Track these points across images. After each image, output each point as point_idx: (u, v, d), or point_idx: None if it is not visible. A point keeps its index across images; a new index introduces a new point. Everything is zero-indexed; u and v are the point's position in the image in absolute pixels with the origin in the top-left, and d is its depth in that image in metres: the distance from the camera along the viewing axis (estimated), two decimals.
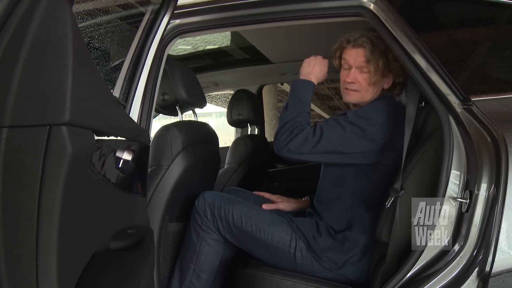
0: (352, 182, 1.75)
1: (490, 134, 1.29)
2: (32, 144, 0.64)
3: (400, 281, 1.40)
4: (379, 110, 1.70)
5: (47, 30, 0.65)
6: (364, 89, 1.78)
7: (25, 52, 0.64)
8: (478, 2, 1.44)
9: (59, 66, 0.65)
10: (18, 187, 0.64)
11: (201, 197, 1.85)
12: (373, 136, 1.65)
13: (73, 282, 0.75)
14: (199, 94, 2.04)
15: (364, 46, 1.75)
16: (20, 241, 0.65)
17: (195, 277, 1.84)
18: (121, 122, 1.08)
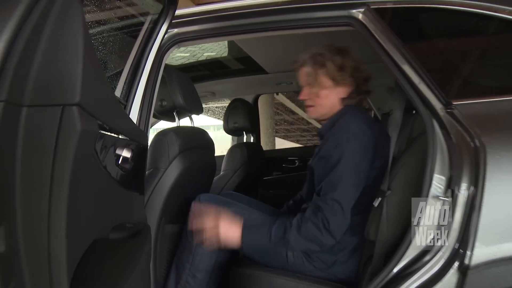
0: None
1: (470, 136, 1.35)
2: (48, 121, 0.73)
3: (386, 276, 1.45)
4: (348, 130, 1.71)
5: (62, 25, 0.74)
6: (317, 103, 1.86)
7: (43, 43, 0.73)
8: (459, 13, 1.52)
9: (71, 55, 0.75)
10: (35, 158, 0.73)
11: (197, 199, 1.90)
12: (368, 145, 1.71)
13: (78, 255, 0.82)
14: (196, 100, 2.10)
15: (305, 64, 1.86)
16: (35, 204, 0.73)
17: (191, 276, 1.88)
18: (121, 120, 1.16)
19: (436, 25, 1.65)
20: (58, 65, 0.75)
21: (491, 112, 1.39)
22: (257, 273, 1.79)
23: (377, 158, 1.72)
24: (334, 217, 1.62)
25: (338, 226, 1.63)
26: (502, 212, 1.29)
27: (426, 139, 1.45)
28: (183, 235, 1.92)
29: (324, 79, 1.84)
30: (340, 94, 1.86)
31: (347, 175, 1.64)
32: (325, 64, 1.83)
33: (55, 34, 0.74)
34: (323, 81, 1.84)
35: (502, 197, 1.30)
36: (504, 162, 1.29)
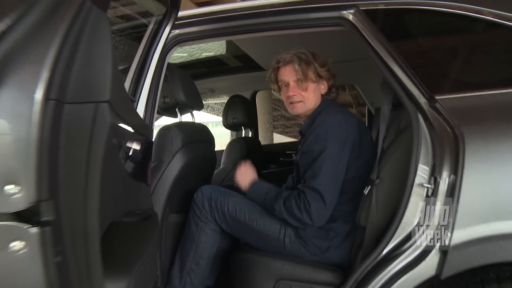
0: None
1: (451, 128, 1.46)
2: (84, 115, 0.88)
3: (376, 258, 1.56)
4: (328, 124, 1.87)
5: (94, 36, 0.88)
6: (305, 97, 2.00)
7: (80, 52, 0.86)
8: (442, 14, 1.63)
9: (102, 61, 0.89)
10: (75, 145, 0.87)
11: (199, 190, 2.02)
12: (346, 138, 1.85)
13: (103, 231, 0.95)
14: (196, 97, 2.21)
15: (293, 61, 1.98)
16: (75, 183, 0.88)
17: (195, 264, 1.99)
18: (132, 115, 1.28)
19: (420, 25, 1.76)
20: (92, 69, 0.88)
21: (470, 106, 1.50)
22: (256, 258, 1.91)
23: (358, 149, 1.87)
24: (314, 202, 1.79)
25: (317, 211, 1.79)
26: (478, 197, 1.40)
27: (411, 132, 1.57)
28: (187, 224, 2.03)
29: (311, 74, 1.98)
30: (321, 90, 2.03)
31: (327, 167, 1.80)
32: (311, 61, 1.98)
33: (89, 44, 0.88)
34: (312, 77, 1.98)
35: (479, 184, 1.41)
36: (480, 151, 1.40)
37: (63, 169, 0.86)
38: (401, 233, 1.54)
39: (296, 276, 1.84)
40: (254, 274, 1.90)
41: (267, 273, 1.87)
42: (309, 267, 1.85)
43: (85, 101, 0.88)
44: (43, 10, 0.82)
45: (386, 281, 1.51)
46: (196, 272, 2.00)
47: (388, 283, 1.50)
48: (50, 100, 0.80)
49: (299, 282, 1.84)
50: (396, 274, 1.50)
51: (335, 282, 1.80)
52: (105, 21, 0.93)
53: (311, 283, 1.83)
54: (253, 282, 1.89)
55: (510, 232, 1.36)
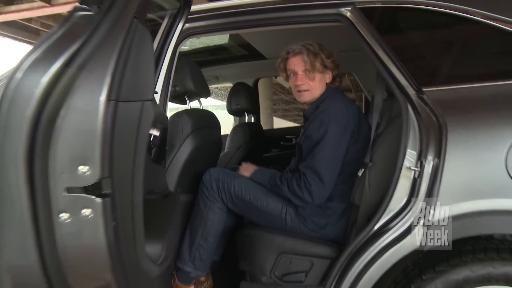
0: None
1: (436, 117, 1.62)
2: (133, 111, 1.10)
3: (368, 233, 1.74)
4: (332, 111, 2.05)
5: (139, 49, 1.08)
6: (312, 86, 2.16)
7: (130, 61, 1.06)
8: (430, 12, 1.78)
9: (147, 68, 1.10)
10: (125, 136, 1.09)
11: (207, 173, 2.18)
12: (347, 125, 2.02)
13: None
14: (204, 85, 2.36)
15: (302, 52, 2.14)
16: (125, 164, 1.10)
17: (203, 239, 2.16)
18: (156, 106, 1.47)
19: (410, 23, 1.92)
20: (139, 74, 1.10)
21: (453, 97, 1.67)
22: (260, 234, 2.08)
23: (356, 135, 2.04)
24: (314, 182, 1.97)
25: (317, 190, 1.97)
26: (458, 178, 1.58)
27: (401, 120, 1.73)
28: (196, 203, 2.20)
29: (318, 65, 2.15)
30: (327, 79, 2.19)
31: (327, 150, 1.97)
32: (318, 52, 2.14)
33: (136, 54, 1.09)
34: (319, 67, 2.15)
35: (458, 167, 1.58)
36: (461, 138, 1.57)
37: (117, 154, 1.07)
38: (391, 211, 1.71)
39: (296, 250, 2.02)
40: (258, 249, 2.06)
41: (270, 248, 2.04)
42: (308, 242, 2.03)
43: (134, 100, 1.10)
44: (104, 31, 1.03)
45: (376, 253, 1.69)
46: (204, 248, 2.16)
47: (378, 254, 1.68)
48: (111, 100, 1.01)
49: (299, 256, 2.01)
50: (385, 246, 1.67)
51: (332, 256, 1.97)
52: (147, 34, 1.14)
53: (309, 256, 2.00)
54: (258, 255, 2.06)
55: (484, 209, 1.54)
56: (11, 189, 1.07)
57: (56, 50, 1.06)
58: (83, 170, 1.04)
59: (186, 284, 2.19)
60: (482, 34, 1.79)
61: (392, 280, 1.75)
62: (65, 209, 1.09)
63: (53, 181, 1.06)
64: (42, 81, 1.03)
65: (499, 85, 1.67)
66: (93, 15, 1.14)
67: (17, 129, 1.05)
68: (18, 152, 1.05)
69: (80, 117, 1.03)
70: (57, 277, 1.14)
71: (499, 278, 1.54)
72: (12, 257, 1.14)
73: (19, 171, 1.05)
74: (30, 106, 1.03)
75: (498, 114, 1.61)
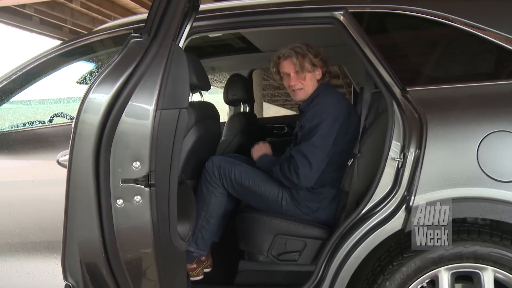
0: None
1: (418, 114, 1.81)
2: (171, 117, 1.37)
3: (356, 217, 1.94)
4: (324, 104, 2.25)
5: (177, 65, 1.31)
6: (305, 85, 2.37)
7: (171, 76, 1.33)
8: (415, 18, 1.96)
9: (183, 81, 1.37)
10: (166, 137, 1.35)
11: (210, 160, 2.36)
12: (337, 117, 2.22)
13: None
14: (205, 79, 2.50)
15: (291, 56, 2.34)
16: (165, 160, 1.38)
17: (206, 222, 2.34)
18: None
19: (396, 27, 2.10)
20: (177, 86, 1.36)
21: (433, 97, 1.86)
22: (258, 217, 2.28)
23: (346, 127, 2.24)
24: (302, 164, 2.17)
25: (304, 173, 2.17)
26: (436, 169, 1.78)
27: (387, 116, 1.91)
28: (199, 189, 2.38)
29: (307, 65, 2.35)
30: (317, 76, 2.39)
31: (317, 138, 2.18)
32: (306, 53, 2.34)
33: (175, 70, 1.35)
34: (308, 67, 2.35)
35: (436, 158, 1.78)
36: (439, 133, 1.77)
37: (160, 152, 1.34)
38: (377, 197, 1.92)
39: (291, 231, 2.22)
40: (257, 230, 2.25)
41: (267, 229, 2.23)
42: (302, 224, 2.23)
43: (173, 108, 1.36)
44: (152, 54, 1.31)
45: (363, 234, 1.89)
46: (206, 229, 2.35)
47: (365, 235, 1.88)
48: (157, 110, 1.28)
49: (294, 237, 2.21)
50: (371, 228, 1.87)
51: (323, 237, 2.18)
52: (182, 53, 1.42)
53: (303, 237, 2.20)
54: (256, 236, 2.25)
55: (458, 196, 1.75)
56: (82, 181, 1.36)
57: (117, 72, 1.32)
58: (136, 165, 1.33)
59: (188, 263, 2.36)
60: (460, 39, 1.98)
61: (377, 258, 1.96)
62: (121, 196, 1.38)
63: (113, 174, 1.35)
64: (107, 97, 1.30)
65: (474, 86, 1.87)
66: (143, 41, 1.39)
67: (88, 134, 1.32)
68: (88, 152, 1.32)
69: (135, 124, 1.31)
70: (112, 249, 1.44)
71: (469, 256, 1.76)
72: (80, 233, 1.44)
73: (88, 167, 1.33)
74: (98, 116, 1.31)
75: (472, 113, 1.81)
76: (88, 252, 1.47)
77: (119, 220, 1.40)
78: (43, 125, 2.41)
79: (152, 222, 1.39)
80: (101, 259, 1.44)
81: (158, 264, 1.48)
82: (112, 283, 1.48)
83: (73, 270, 1.47)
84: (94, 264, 1.47)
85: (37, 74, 2.40)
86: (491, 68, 2.00)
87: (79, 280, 1.48)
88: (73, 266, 1.47)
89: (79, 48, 2.38)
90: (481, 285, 1.77)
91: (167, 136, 1.39)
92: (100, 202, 1.37)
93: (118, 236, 1.42)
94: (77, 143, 1.34)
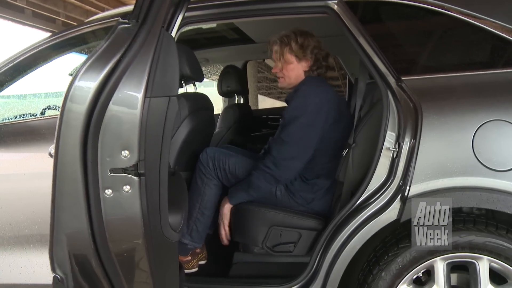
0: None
1: (413, 104, 1.79)
2: (161, 105, 1.35)
3: (351, 207, 1.93)
4: (306, 94, 2.22)
5: (167, 53, 1.28)
6: (285, 74, 2.36)
7: (160, 64, 1.29)
8: (410, 7, 1.94)
9: (173, 69, 1.35)
10: (154, 126, 1.34)
11: (204, 152, 2.35)
12: (319, 109, 2.19)
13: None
14: (199, 70, 2.49)
15: (275, 43, 2.34)
16: (155, 149, 1.38)
17: (200, 213, 2.34)
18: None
19: (391, 16, 2.09)
20: (166, 74, 1.34)
21: (428, 86, 1.85)
22: (253, 208, 2.26)
23: (334, 117, 2.22)
24: (279, 152, 2.16)
25: (281, 162, 2.15)
26: (431, 158, 1.77)
27: (381, 105, 1.90)
28: (193, 180, 2.37)
29: (289, 56, 2.33)
30: (303, 67, 2.36)
31: (297, 128, 2.17)
32: (290, 43, 2.33)
33: (164, 58, 1.32)
34: (288, 57, 2.33)
35: (432, 148, 1.77)
36: (434, 123, 1.75)
37: (149, 141, 1.32)
38: (372, 187, 1.90)
39: (286, 223, 2.21)
40: (251, 222, 2.24)
41: (262, 221, 2.22)
42: (297, 216, 2.22)
43: (162, 95, 1.34)
44: (141, 40, 1.28)
45: (358, 225, 1.88)
46: (201, 221, 2.34)
47: (360, 226, 1.87)
48: (146, 97, 1.26)
49: (288, 228, 2.20)
50: (366, 219, 1.87)
51: (318, 228, 2.18)
52: (172, 40, 1.39)
53: (298, 229, 2.20)
54: (251, 228, 2.24)
55: (453, 186, 1.74)
56: (69, 170, 1.35)
57: (104, 59, 1.30)
58: (125, 154, 1.32)
59: (183, 256, 2.35)
60: (455, 28, 1.96)
61: (372, 249, 1.95)
62: (110, 186, 1.36)
63: (101, 164, 1.33)
64: (94, 85, 1.28)
65: (470, 75, 1.85)
66: (131, 27, 1.38)
67: (75, 123, 1.31)
68: (75, 142, 1.30)
69: (123, 112, 1.29)
70: (101, 240, 1.42)
71: (464, 245, 1.75)
72: (68, 223, 1.43)
73: (76, 156, 1.32)
74: (85, 105, 1.29)
75: (467, 102, 1.80)
76: (77, 243, 1.45)
77: (108, 210, 1.38)
78: (35, 118, 2.38)
79: (142, 212, 1.37)
80: (90, 250, 1.43)
81: (149, 256, 1.46)
82: (102, 275, 1.46)
83: (62, 262, 1.45)
84: (83, 256, 1.46)
85: (28, 66, 2.37)
86: (487, 57, 1.99)
87: (67, 272, 1.46)
88: (61, 258, 1.46)
89: (70, 40, 2.35)
90: (476, 274, 1.77)
91: (156, 124, 1.37)
92: (88, 192, 1.35)
93: (107, 227, 1.40)
94: (64, 132, 1.32)
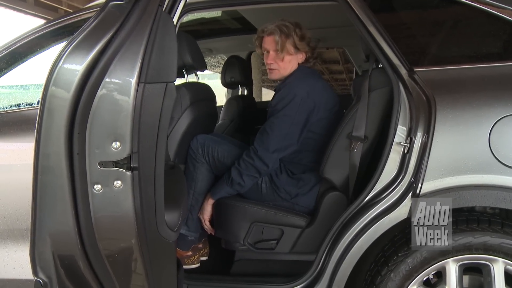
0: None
1: (426, 96, 1.70)
2: (158, 92, 1.24)
3: (358, 205, 1.85)
4: (293, 86, 2.16)
5: (164, 35, 1.19)
6: (281, 66, 2.27)
7: (156, 47, 1.19)
8: None
9: (170, 52, 1.23)
10: (151, 114, 1.23)
11: (195, 138, 2.30)
12: (303, 102, 2.12)
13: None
14: (201, 59, 2.42)
15: (274, 33, 2.23)
16: (150, 140, 1.27)
17: (195, 201, 2.30)
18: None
19: (403, 4, 2.00)
20: (163, 58, 1.22)
21: (442, 78, 1.76)
22: (234, 203, 2.21)
23: (321, 111, 2.16)
24: (259, 143, 2.13)
25: (261, 152, 2.12)
26: (444, 154, 1.68)
27: (381, 94, 1.87)
28: (186, 167, 2.32)
29: (289, 47, 2.24)
30: (299, 59, 2.28)
31: (280, 120, 2.12)
32: (290, 34, 2.23)
33: (161, 40, 1.21)
34: (288, 48, 2.24)
35: (445, 143, 1.68)
36: (448, 116, 1.66)
37: (143, 131, 1.21)
38: (381, 184, 1.83)
39: (268, 219, 2.16)
40: (232, 217, 2.19)
41: (243, 216, 2.17)
42: (279, 212, 2.16)
43: (159, 81, 1.22)
44: (134, 19, 1.16)
45: (366, 224, 1.80)
46: (196, 209, 2.31)
47: (368, 225, 1.79)
48: (140, 83, 1.15)
49: (271, 224, 2.16)
50: (375, 217, 1.79)
51: (301, 225, 2.13)
52: (170, 21, 1.28)
53: (280, 225, 2.15)
54: (232, 223, 2.19)
55: (467, 184, 1.65)
56: (53, 163, 1.24)
57: (93, 38, 1.18)
58: (116, 145, 1.19)
59: (184, 250, 2.31)
60: (471, 17, 1.87)
61: (381, 249, 1.87)
62: (99, 181, 1.24)
63: (89, 156, 1.21)
64: (81, 67, 1.15)
65: (486, 67, 1.76)
66: (123, 4, 1.26)
67: (59, 110, 1.19)
68: (60, 130, 1.19)
69: (114, 98, 1.17)
70: (89, 240, 1.32)
71: (478, 246, 1.67)
72: (52, 222, 1.32)
73: (61, 147, 1.20)
74: (71, 89, 1.17)
75: (484, 95, 1.70)
76: (62, 243, 1.34)
77: (97, 207, 1.27)
78: (31, 107, 2.29)
79: (135, 210, 1.26)
80: (77, 251, 1.32)
81: (144, 256, 1.36)
82: (91, 277, 1.36)
83: (45, 264, 1.34)
84: (70, 257, 1.35)
85: (24, 53, 2.28)
86: (505, 48, 1.88)
87: (52, 276, 1.35)
88: (44, 259, 1.35)
89: (69, 26, 2.25)
90: (491, 277, 1.68)
91: (151, 113, 1.25)
92: (74, 187, 1.24)
93: (96, 226, 1.29)
94: (46, 120, 1.20)
